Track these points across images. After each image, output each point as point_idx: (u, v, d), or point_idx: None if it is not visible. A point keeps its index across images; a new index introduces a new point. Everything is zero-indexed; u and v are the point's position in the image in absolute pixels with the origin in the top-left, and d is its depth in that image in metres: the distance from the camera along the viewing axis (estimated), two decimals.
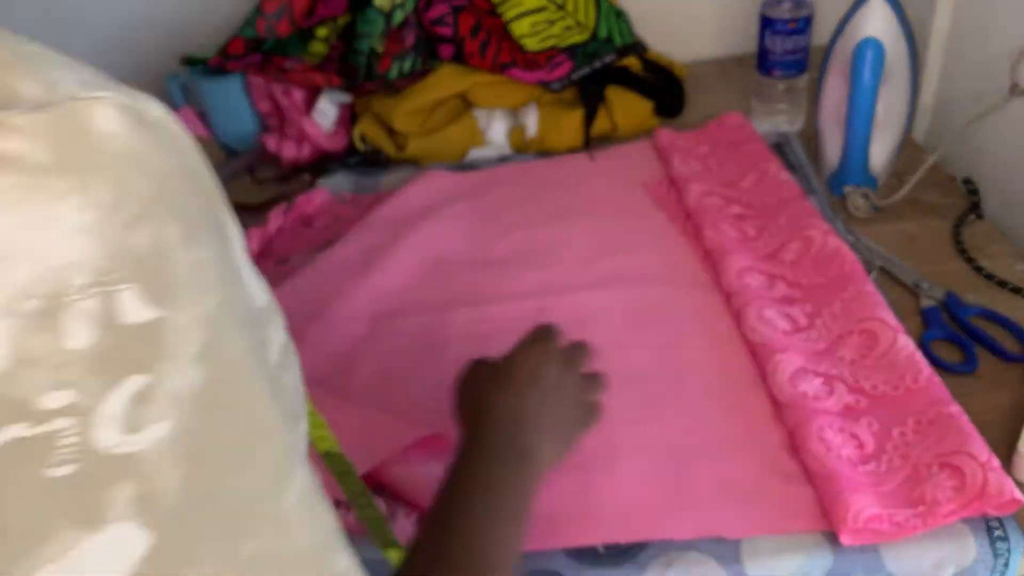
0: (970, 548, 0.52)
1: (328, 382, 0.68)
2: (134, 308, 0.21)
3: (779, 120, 0.94)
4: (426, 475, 0.57)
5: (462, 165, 0.94)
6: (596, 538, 0.54)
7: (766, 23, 0.88)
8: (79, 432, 0.20)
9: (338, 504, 0.56)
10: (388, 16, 0.90)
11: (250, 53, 0.95)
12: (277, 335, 0.28)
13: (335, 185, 0.93)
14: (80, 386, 0.20)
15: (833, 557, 0.52)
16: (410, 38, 0.93)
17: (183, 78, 1.01)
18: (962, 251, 0.75)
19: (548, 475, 0.50)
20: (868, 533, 0.51)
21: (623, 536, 0.54)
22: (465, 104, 0.97)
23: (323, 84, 0.94)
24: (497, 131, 0.96)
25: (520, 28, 0.93)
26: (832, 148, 0.83)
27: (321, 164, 0.98)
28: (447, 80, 0.94)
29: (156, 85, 1.05)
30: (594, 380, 0.55)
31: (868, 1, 0.76)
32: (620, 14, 0.96)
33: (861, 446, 0.57)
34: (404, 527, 0.56)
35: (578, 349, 0.56)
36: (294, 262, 0.83)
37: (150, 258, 0.21)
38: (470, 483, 0.45)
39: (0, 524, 0.20)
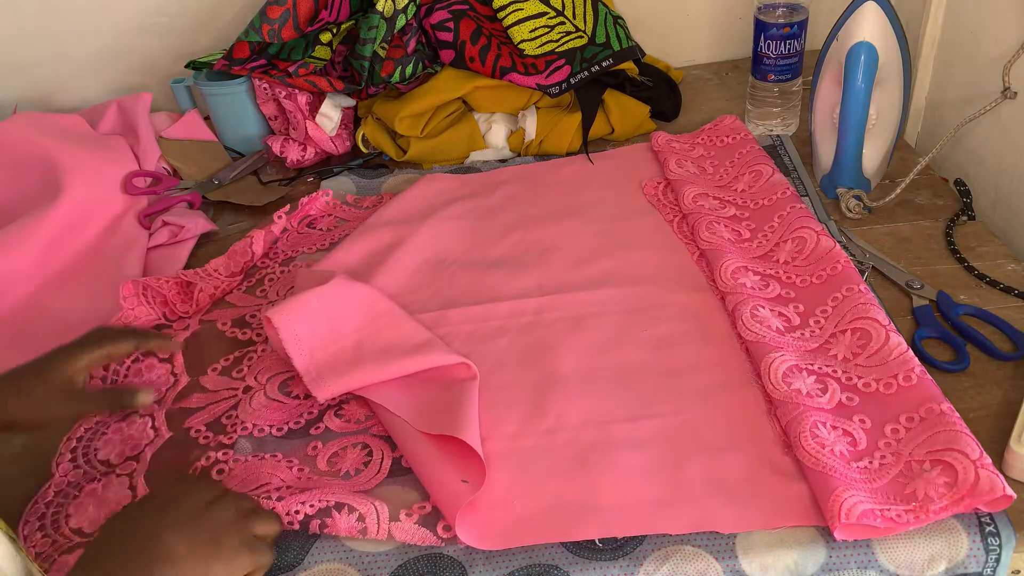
0: (962, 543, 0.52)
1: None
2: None
3: (773, 123, 0.95)
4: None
5: (463, 168, 0.95)
6: (593, 532, 0.55)
7: (761, 28, 0.89)
8: None
9: (340, 507, 0.57)
10: (390, 21, 0.91)
11: (255, 57, 0.96)
12: None
13: (338, 187, 0.94)
14: None
15: (827, 552, 0.53)
16: (412, 43, 0.94)
17: (189, 82, 1.02)
18: (954, 251, 0.76)
19: None
20: (861, 528, 0.52)
21: (620, 530, 0.55)
22: (466, 108, 0.98)
23: (327, 88, 0.95)
24: (497, 134, 0.97)
25: (520, 33, 0.94)
26: (825, 151, 0.84)
27: (325, 166, 0.99)
28: (448, 84, 0.95)
29: (163, 88, 1.07)
30: (269, 518, 0.57)
31: (861, 6, 0.77)
32: (617, 19, 0.97)
33: (854, 443, 0.58)
34: (405, 525, 0.57)
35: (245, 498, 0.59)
36: (298, 263, 0.84)
37: None
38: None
39: None
